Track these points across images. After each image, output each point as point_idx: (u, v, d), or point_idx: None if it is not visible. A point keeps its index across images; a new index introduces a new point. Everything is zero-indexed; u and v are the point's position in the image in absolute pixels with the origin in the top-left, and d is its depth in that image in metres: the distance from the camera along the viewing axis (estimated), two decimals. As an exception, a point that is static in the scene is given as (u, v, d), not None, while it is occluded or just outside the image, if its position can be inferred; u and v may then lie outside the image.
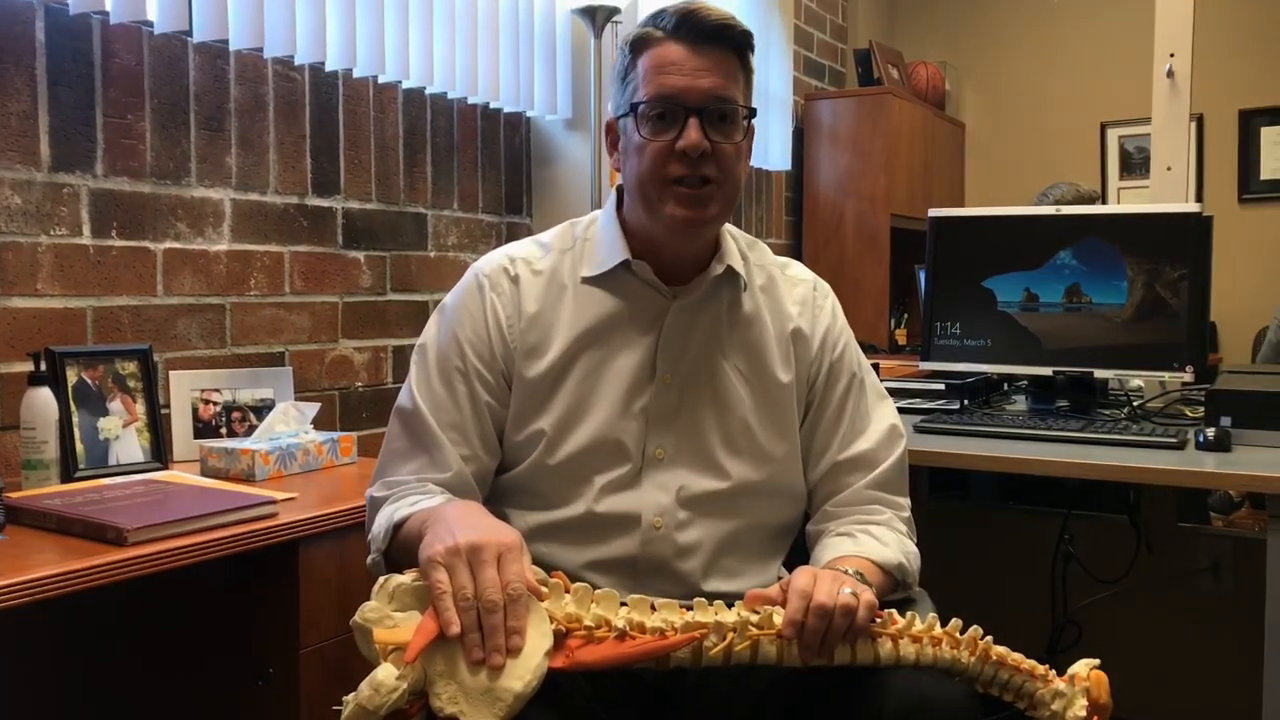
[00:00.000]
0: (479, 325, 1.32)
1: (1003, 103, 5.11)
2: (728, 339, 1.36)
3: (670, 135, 1.25)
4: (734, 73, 1.28)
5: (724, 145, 1.26)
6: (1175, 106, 2.36)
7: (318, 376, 2.29)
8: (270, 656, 1.53)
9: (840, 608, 1.07)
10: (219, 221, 2.08)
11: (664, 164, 1.26)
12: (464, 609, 1.00)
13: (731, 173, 1.28)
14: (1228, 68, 4.37)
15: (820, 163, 4.39)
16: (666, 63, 1.26)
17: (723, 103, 1.26)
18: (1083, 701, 1.15)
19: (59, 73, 1.81)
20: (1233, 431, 1.83)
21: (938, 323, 2.23)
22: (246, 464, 1.77)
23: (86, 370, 1.77)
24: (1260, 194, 4.60)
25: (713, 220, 1.30)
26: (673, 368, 1.33)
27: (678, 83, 1.25)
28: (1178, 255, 2.05)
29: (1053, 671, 1.18)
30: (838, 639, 1.08)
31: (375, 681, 0.96)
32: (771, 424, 1.36)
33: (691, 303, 1.34)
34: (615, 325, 1.33)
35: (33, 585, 1.19)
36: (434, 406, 1.30)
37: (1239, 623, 2.22)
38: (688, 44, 1.26)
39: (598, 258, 1.35)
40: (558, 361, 1.31)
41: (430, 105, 2.57)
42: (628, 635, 1.05)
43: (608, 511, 1.29)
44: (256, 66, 2.14)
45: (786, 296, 1.41)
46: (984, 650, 1.15)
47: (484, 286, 1.34)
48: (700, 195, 1.27)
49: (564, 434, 1.30)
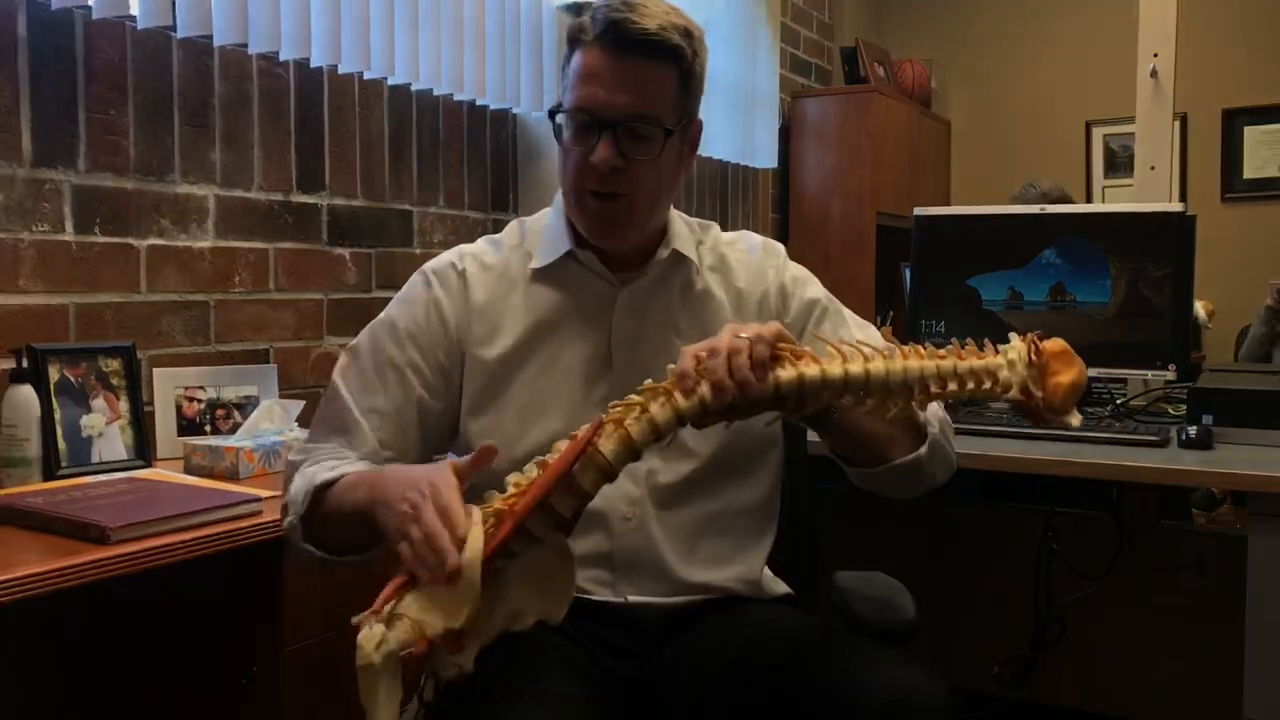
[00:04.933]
0: (420, 319, 1.33)
1: (988, 101, 5.13)
2: (682, 321, 1.35)
3: (586, 146, 1.24)
4: (661, 86, 1.25)
5: (638, 161, 1.24)
6: (1159, 106, 2.38)
7: (302, 374, 2.28)
8: (254, 655, 1.53)
9: (733, 349, 1.04)
10: (203, 218, 2.07)
11: (580, 173, 1.26)
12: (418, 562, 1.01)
13: (647, 186, 1.27)
14: (1211, 67, 4.39)
15: (806, 161, 4.39)
16: (590, 71, 1.24)
17: (639, 121, 1.23)
18: (1021, 346, 1.09)
19: (41, 67, 1.79)
20: (1215, 429, 1.84)
21: (923, 321, 2.24)
22: (230, 462, 1.76)
23: (69, 367, 1.76)
24: (1243, 193, 4.63)
25: (626, 230, 1.30)
26: (628, 355, 1.32)
27: (596, 96, 1.23)
28: (1161, 254, 2.07)
29: (995, 345, 1.12)
30: (745, 375, 1.04)
31: (358, 644, 0.98)
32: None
33: (640, 289, 1.34)
34: (566, 316, 1.33)
35: (14, 584, 1.19)
36: (359, 390, 1.31)
37: (1220, 619, 2.23)
38: (612, 53, 1.23)
39: (544, 249, 1.35)
40: (511, 353, 1.31)
41: (416, 102, 2.56)
42: (546, 464, 1.04)
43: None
44: (241, 62, 2.13)
45: (739, 270, 1.40)
46: (914, 353, 1.09)
47: (431, 283, 1.35)
48: (611, 209, 1.27)
49: (525, 427, 1.29)
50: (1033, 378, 1.08)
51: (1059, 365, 1.09)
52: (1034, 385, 1.08)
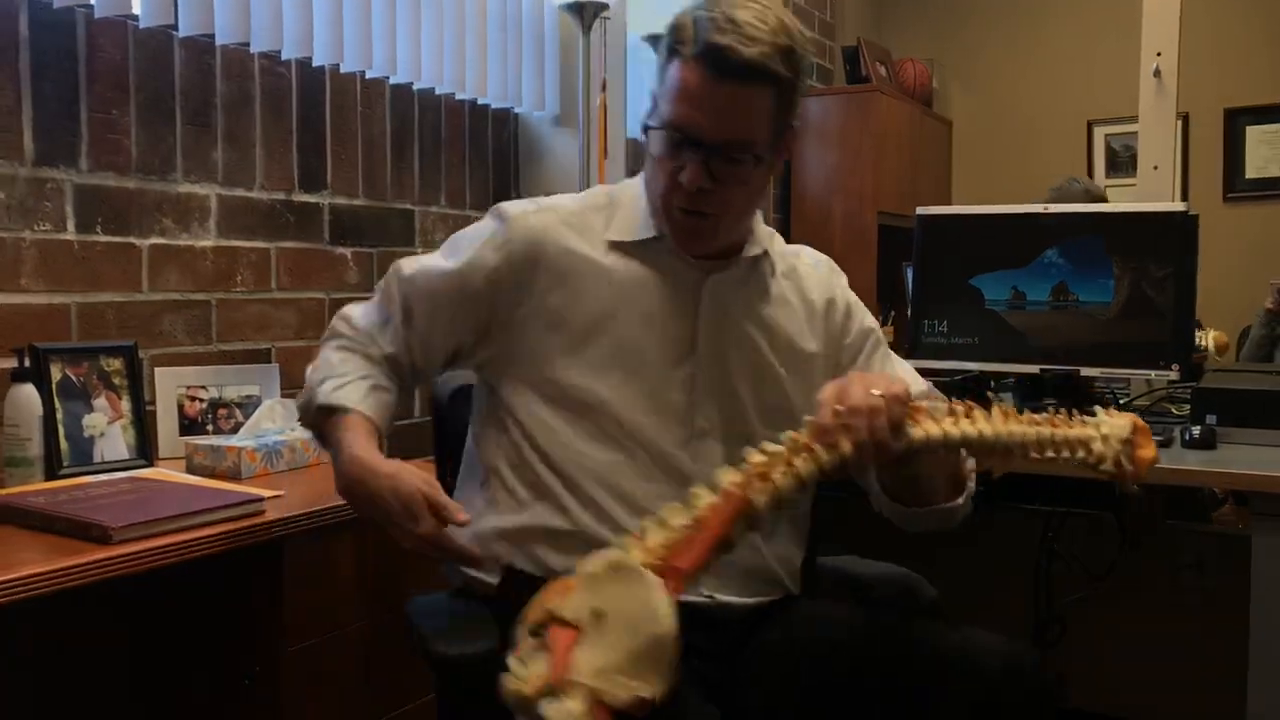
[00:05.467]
0: (487, 260, 1.32)
1: (990, 101, 5.12)
2: (761, 319, 1.37)
3: (676, 163, 1.24)
4: (758, 110, 1.23)
5: (728, 185, 1.25)
6: (1162, 105, 2.37)
7: (304, 373, 2.27)
8: (255, 656, 1.53)
9: (872, 409, 1.10)
10: (205, 217, 2.07)
11: (670, 188, 1.27)
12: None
13: (736, 207, 1.29)
14: (1213, 67, 4.38)
15: (808, 160, 4.39)
16: (687, 90, 1.22)
17: (733, 147, 1.23)
18: (1122, 422, 1.18)
19: (43, 67, 1.79)
20: (1218, 429, 1.84)
21: (925, 320, 2.23)
22: (233, 461, 1.76)
23: (71, 367, 1.76)
24: (1245, 193, 4.62)
25: (710, 244, 1.32)
26: (712, 342, 1.33)
27: (691, 117, 1.22)
28: (1164, 254, 2.06)
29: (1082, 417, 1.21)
30: (883, 436, 1.10)
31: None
32: (805, 398, 1.37)
33: (727, 279, 1.35)
34: (651, 292, 1.33)
35: (16, 584, 1.19)
36: (407, 302, 1.36)
37: (1223, 619, 2.22)
38: (711, 77, 1.21)
39: (628, 225, 1.34)
40: (591, 315, 1.31)
41: (418, 101, 2.56)
42: (700, 520, 1.07)
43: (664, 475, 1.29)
44: (243, 61, 2.13)
45: (807, 279, 1.44)
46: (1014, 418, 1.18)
47: (506, 223, 1.34)
48: (697, 225, 1.28)
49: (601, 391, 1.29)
50: (1126, 453, 1.17)
51: (1143, 440, 1.19)
52: (1126, 460, 1.17)
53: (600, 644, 0.99)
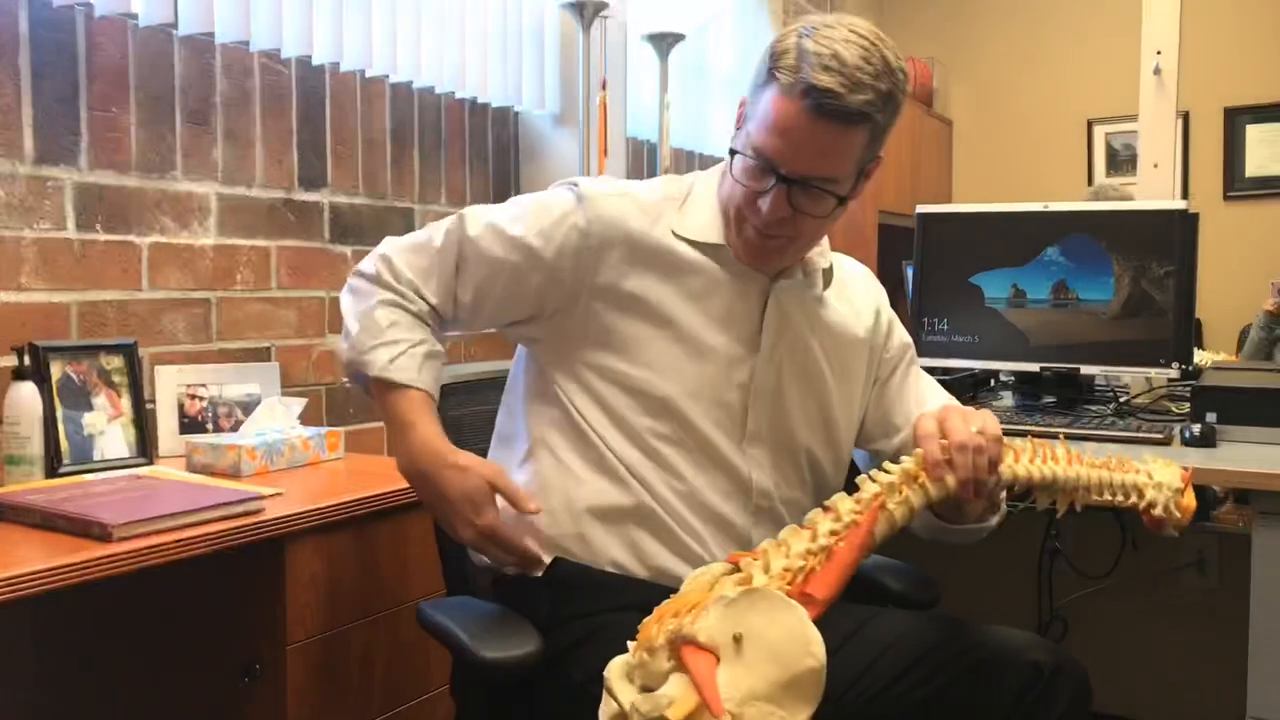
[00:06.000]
0: (551, 234, 1.30)
1: (990, 100, 5.12)
2: (821, 325, 1.39)
3: (758, 188, 1.25)
4: (849, 151, 1.23)
5: (805, 214, 1.25)
6: (1162, 104, 2.37)
7: (304, 372, 2.28)
8: (257, 653, 1.52)
9: (975, 448, 1.14)
10: (205, 215, 2.06)
11: (745, 208, 1.27)
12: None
13: (809, 237, 1.31)
14: (1213, 65, 4.39)
15: (808, 159, 4.38)
16: (782, 123, 1.20)
17: (818, 182, 1.23)
18: (1174, 471, 1.26)
19: (43, 65, 1.79)
20: (1218, 427, 1.84)
21: (925, 318, 2.23)
22: (233, 459, 1.75)
23: (71, 365, 1.76)
24: (1245, 191, 4.62)
25: (779, 264, 1.33)
26: (774, 345, 1.34)
27: (782, 150, 1.21)
28: (1164, 252, 2.06)
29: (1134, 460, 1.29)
30: (984, 474, 1.15)
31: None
32: (847, 404, 1.41)
33: (794, 285, 1.36)
34: (719, 290, 1.32)
35: (17, 582, 1.18)
36: (459, 256, 1.33)
37: (1223, 617, 2.23)
38: (810, 117, 1.18)
39: (698, 223, 1.33)
40: (658, 302, 1.30)
41: (418, 99, 2.55)
42: (832, 549, 1.08)
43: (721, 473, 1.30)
44: (243, 60, 2.13)
45: (852, 288, 1.46)
46: (1078, 459, 1.24)
47: (584, 204, 1.31)
48: (770, 246, 1.29)
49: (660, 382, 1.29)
50: (1175, 501, 1.25)
51: (1188, 489, 1.27)
52: (1174, 507, 1.25)
53: (745, 672, 0.95)
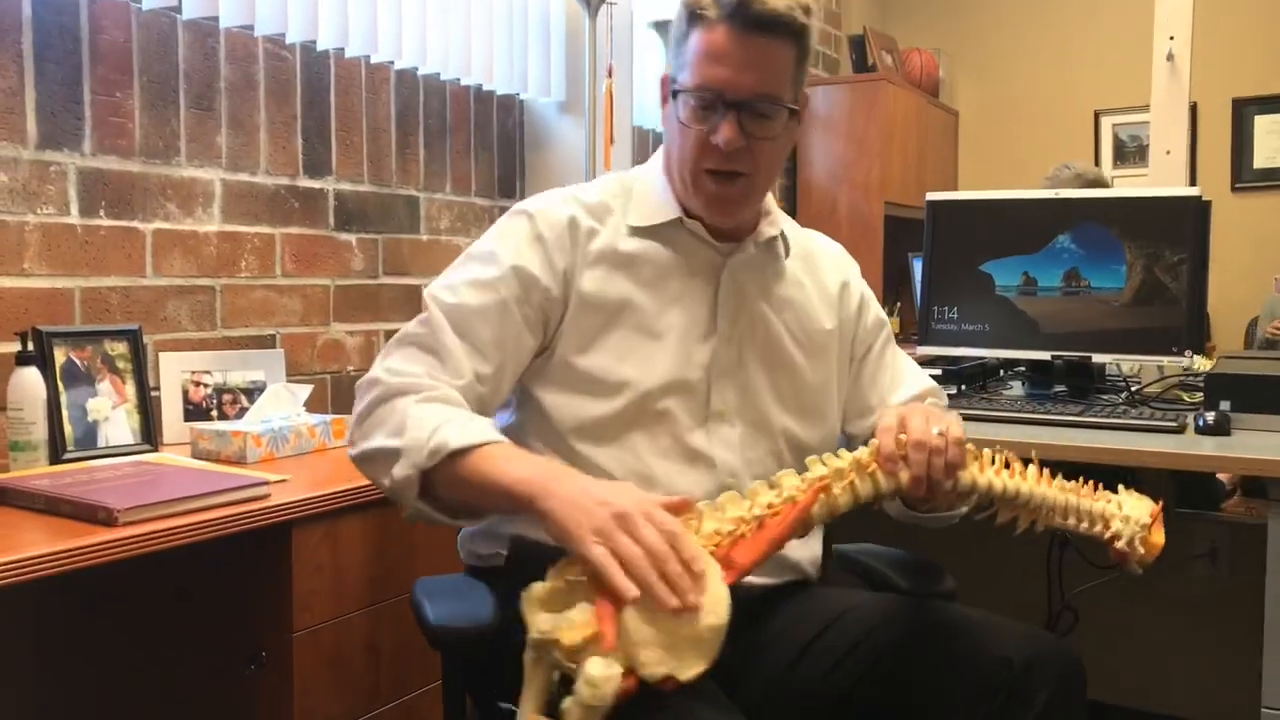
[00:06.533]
0: (526, 255, 1.29)
1: (996, 90, 5.10)
2: (778, 298, 1.39)
3: (707, 125, 1.25)
4: (784, 64, 1.25)
5: (759, 141, 1.26)
6: (1175, 90, 2.35)
7: (309, 360, 2.26)
8: (263, 639, 1.51)
9: (934, 448, 1.14)
10: (209, 202, 2.05)
11: (699, 152, 1.27)
12: (639, 571, 0.98)
13: (766, 165, 1.30)
14: (1221, 56, 4.36)
15: (814, 150, 4.37)
16: (715, 50, 1.23)
17: (765, 100, 1.24)
18: (1144, 505, 1.23)
19: (46, 49, 1.77)
20: (1232, 415, 1.82)
21: (935, 307, 2.21)
22: (238, 446, 1.74)
23: (75, 350, 1.74)
24: (1253, 182, 4.60)
25: (742, 209, 1.33)
26: (732, 322, 1.34)
27: (722, 75, 1.23)
28: (1177, 239, 2.04)
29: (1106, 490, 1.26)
30: (939, 475, 1.14)
31: (591, 679, 0.94)
32: (821, 382, 1.40)
33: (744, 261, 1.36)
34: (673, 275, 1.33)
35: (22, 565, 1.17)
36: (457, 316, 1.25)
37: (1235, 608, 2.21)
38: (739, 31, 1.22)
39: (647, 209, 1.34)
40: (618, 297, 1.30)
41: (423, 86, 2.54)
42: (765, 520, 1.09)
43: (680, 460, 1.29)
44: (247, 45, 2.11)
45: (823, 262, 1.47)
46: (1048, 480, 1.22)
47: (535, 221, 1.31)
48: (730, 189, 1.29)
49: (626, 373, 1.28)
50: (1140, 536, 1.22)
51: (1157, 525, 1.23)
52: (1139, 543, 1.22)
53: (648, 615, 0.98)
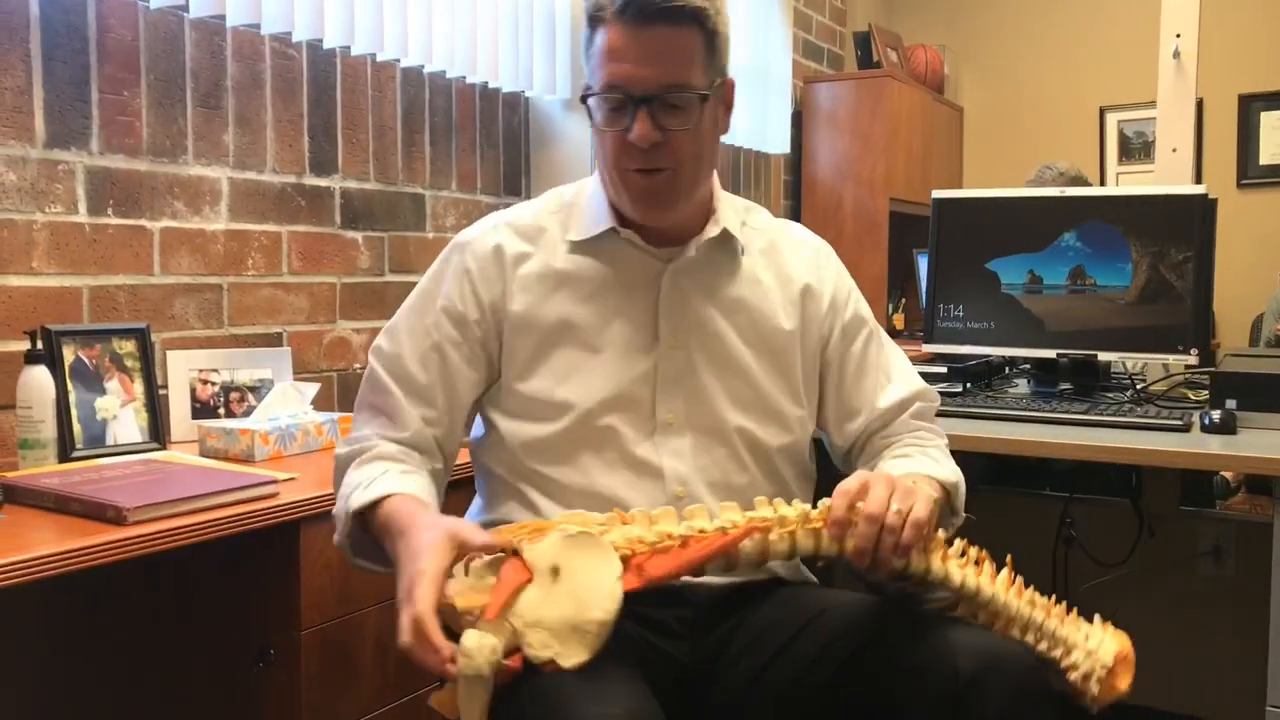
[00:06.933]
0: (454, 294, 1.31)
1: (1002, 87, 5.09)
2: (727, 300, 1.35)
3: (622, 125, 1.23)
4: (688, 51, 1.22)
5: (676, 133, 1.23)
6: (1181, 87, 2.35)
7: (316, 357, 2.27)
8: (271, 637, 1.52)
9: (887, 526, 1.08)
10: (216, 200, 2.05)
11: (619, 153, 1.25)
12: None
13: (690, 156, 1.26)
14: (1228, 52, 4.35)
15: (819, 146, 4.36)
16: (614, 48, 1.21)
17: (672, 90, 1.22)
18: (1113, 646, 1.17)
19: (54, 48, 1.78)
20: (1238, 414, 1.82)
21: (941, 305, 2.22)
22: (246, 444, 1.75)
23: (83, 349, 1.75)
24: (1259, 179, 4.59)
25: (673, 204, 1.29)
26: (675, 330, 1.32)
27: (624, 72, 1.21)
28: (1183, 237, 2.04)
29: (1081, 618, 1.21)
30: (887, 552, 1.09)
31: (465, 649, 0.97)
32: (782, 382, 1.36)
33: (686, 264, 1.33)
34: (610, 289, 1.32)
35: (32, 564, 1.18)
36: (397, 369, 1.30)
37: (1240, 607, 2.21)
38: (634, 26, 1.20)
39: (584, 223, 1.34)
40: (556, 321, 1.30)
41: (429, 84, 2.54)
42: (691, 540, 1.08)
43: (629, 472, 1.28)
44: (253, 43, 2.12)
45: (790, 257, 1.41)
46: (1018, 588, 1.18)
47: (465, 255, 1.33)
48: (655, 185, 1.26)
49: (569, 396, 1.28)
50: (1100, 676, 1.16)
51: (1123, 670, 1.18)
52: (1096, 681, 1.16)
53: (544, 599, 1.02)
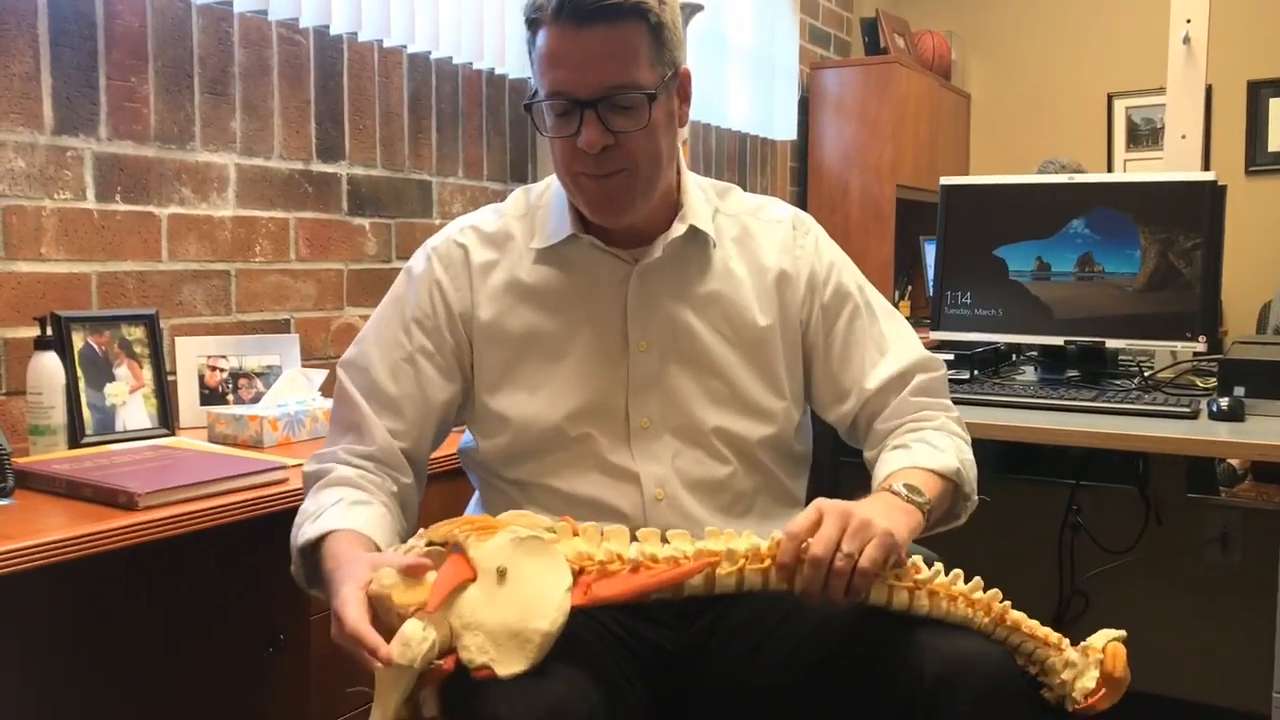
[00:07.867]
0: (424, 303, 1.30)
1: (1009, 73, 5.07)
2: (699, 297, 1.30)
3: (570, 131, 1.18)
4: (632, 48, 1.16)
5: (628, 134, 1.18)
6: (1191, 74, 2.33)
7: (323, 344, 2.27)
8: (282, 622, 1.53)
9: (834, 571, 1.03)
10: (223, 186, 2.05)
11: (571, 159, 1.21)
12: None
13: (644, 155, 1.21)
14: (1236, 38, 4.32)
15: (825, 133, 4.35)
16: (553, 52, 1.16)
17: (618, 91, 1.16)
18: (1094, 673, 1.14)
19: (61, 34, 1.78)
20: (1246, 401, 1.82)
21: (948, 292, 2.21)
22: (255, 430, 1.75)
23: (93, 335, 1.75)
24: (1268, 165, 4.57)
25: (630, 204, 1.24)
26: (645, 333, 1.28)
27: (565, 77, 1.16)
28: (1192, 224, 2.03)
29: (1066, 641, 1.17)
30: (837, 593, 1.04)
31: (404, 637, 0.95)
32: (761, 375, 1.32)
33: (654, 264, 1.29)
34: (578, 296, 1.29)
35: (43, 549, 1.18)
36: (365, 383, 1.28)
37: (1247, 594, 2.21)
38: (571, 28, 1.14)
39: (548, 229, 1.30)
40: (525, 331, 1.28)
41: (435, 71, 2.53)
42: (641, 566, 1.06)
43: (606, 478, 1.27)
44: (260, 29, 2.11)
45: (764, 243, 1.36)
46: (1000, 613, 1.13)
47: (432, 263, 1.31)
48: (610, 188, 1.21)
49: (542, 407, 1.27)
50: (1083, 689, 1.13)
51: (1113, 691, 1.14)
52: (1081, 692, 1.13)
53: (487, 601, 0.99)
